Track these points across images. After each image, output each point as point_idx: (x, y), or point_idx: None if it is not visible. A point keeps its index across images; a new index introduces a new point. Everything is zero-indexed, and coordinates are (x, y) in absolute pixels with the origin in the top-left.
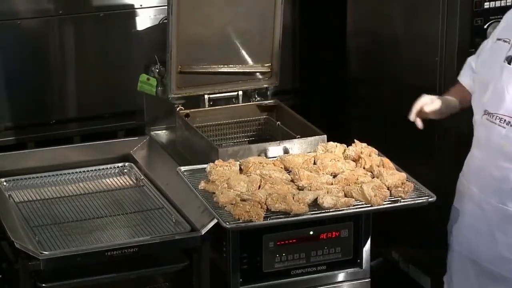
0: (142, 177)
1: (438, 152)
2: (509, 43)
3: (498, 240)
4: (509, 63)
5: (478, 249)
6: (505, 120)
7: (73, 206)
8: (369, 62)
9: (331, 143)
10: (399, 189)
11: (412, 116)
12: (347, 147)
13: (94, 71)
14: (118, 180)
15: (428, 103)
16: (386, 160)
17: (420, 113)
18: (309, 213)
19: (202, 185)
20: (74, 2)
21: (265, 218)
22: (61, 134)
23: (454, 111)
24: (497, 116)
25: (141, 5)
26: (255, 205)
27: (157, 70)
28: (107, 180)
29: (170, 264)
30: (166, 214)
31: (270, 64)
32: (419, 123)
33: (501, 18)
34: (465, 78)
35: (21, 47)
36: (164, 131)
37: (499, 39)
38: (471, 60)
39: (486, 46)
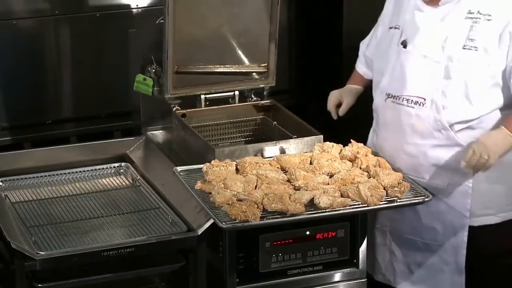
0: (139, 177)
1: None
2: (399, 29)
3: (420, 211)
4: (404, 47)
5: (401, 224)
6: (412, 100)
7: (70, 206)
8: None
9: (327, 143)
10: (396, 189)
11: (335, 117)
12: (344, 147)
13: (90, 71)
14: (115, 180)
15: (339, 103)
16: (382, 160)
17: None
18: (305, 213)
19: (198, 185)
20: (70, 2)
21: (262, 218)
22: (57, 134)
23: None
24: (403, 98)
25: (137, 5)
26: (251, 205)
27: (154, 70)
28: (104, 180)
29: (166, 264)
30: (163, 214)
31: (266, 64)
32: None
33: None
34: (360, 66)
35: (17, 47)
36: (160, 131)
37: (391, 28)
38: (363, 48)
39: (377, 34)
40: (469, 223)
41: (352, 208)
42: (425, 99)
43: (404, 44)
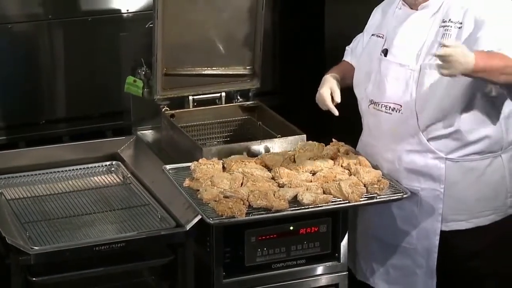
0: (129, 175)
1: None
2: (383, 38)
3: (396, 215)
4: (385, 55)
5: (380, 227)
6: (389, 107)
7: (63, 203)
8: None
9: (310, 142)
10: (375, 186)
11: (337, 112)
12: (326, 146)
13: (82, 73)
14: (106, 178)
15: (331, 95)
16: (362, 158)
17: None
18: (289, 209)
19: (186, 182)
20: (64, 7)
21: (247, 214)
22: (51, 134)
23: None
24: (382, 104)
25: (127, 10)
26: (237, 202)
27: (143, 73)
28: (95, 178)
29: (156, 259)
30: (152, 211)
31: (252, 66)
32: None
33: None
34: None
35: (12, 50)
36: (150, 131)
37: (373, 35)
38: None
39: (363, 41)
40: (441, 228)
41: (334, 204)
42: (401, 106)
43: (385, 53)
